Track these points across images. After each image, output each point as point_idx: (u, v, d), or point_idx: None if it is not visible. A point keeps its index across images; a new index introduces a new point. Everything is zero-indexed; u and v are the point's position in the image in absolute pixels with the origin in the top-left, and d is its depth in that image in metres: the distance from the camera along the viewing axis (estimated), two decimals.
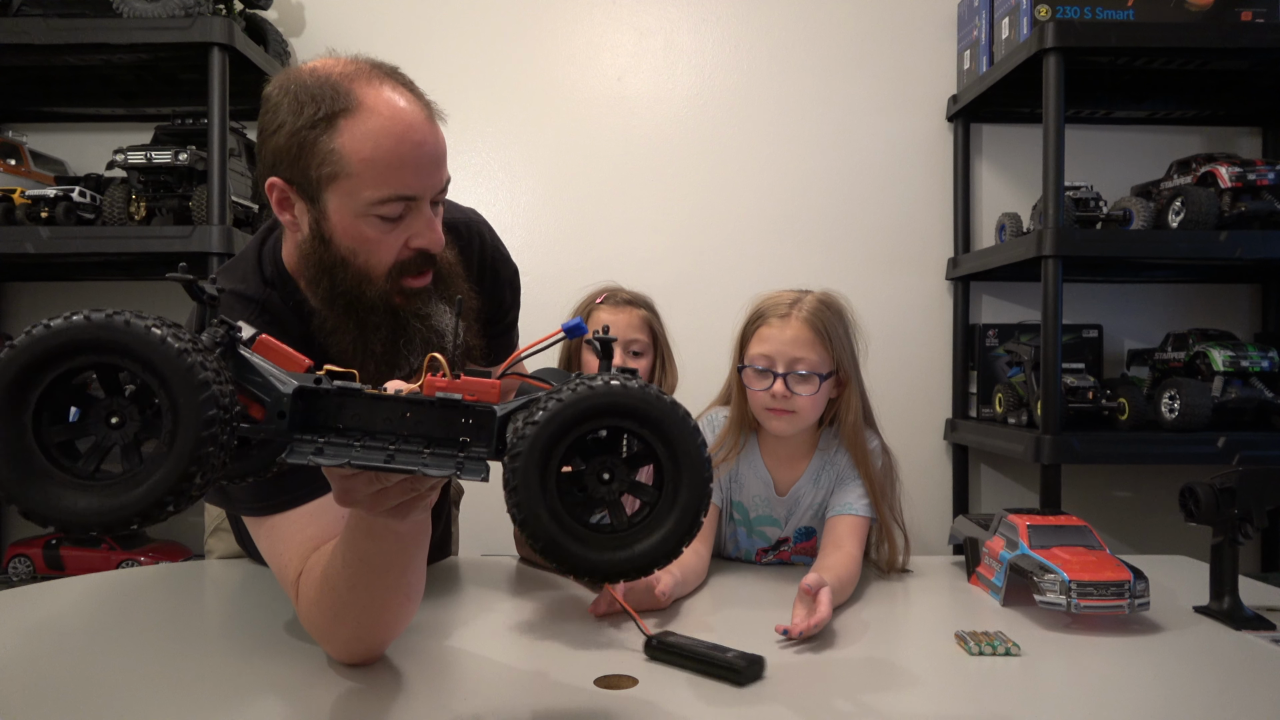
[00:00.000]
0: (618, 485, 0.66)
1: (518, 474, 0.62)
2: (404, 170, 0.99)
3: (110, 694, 0.93)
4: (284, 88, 1.00)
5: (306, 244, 1.03)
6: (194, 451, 0.58)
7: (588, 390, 0.63)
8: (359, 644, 0.96)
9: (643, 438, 0.65)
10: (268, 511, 1.01)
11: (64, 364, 0.58)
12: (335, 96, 0.97)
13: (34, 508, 0.57)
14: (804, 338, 1.41)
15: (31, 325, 0.58)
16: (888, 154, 2.45)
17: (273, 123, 1.00)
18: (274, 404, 0.64)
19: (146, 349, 0.58)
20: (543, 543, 0.63)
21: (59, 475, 0.58)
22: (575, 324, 0.72)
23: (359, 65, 1.01)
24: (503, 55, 2.42)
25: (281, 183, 1.01)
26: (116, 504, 0.58)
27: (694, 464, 0.64)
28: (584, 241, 2.41)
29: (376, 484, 0.74)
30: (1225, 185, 1.96)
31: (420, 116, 1.01)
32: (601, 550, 0.64)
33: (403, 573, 0.91)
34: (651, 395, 0.63)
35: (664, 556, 0.65)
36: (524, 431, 0.63)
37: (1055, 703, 0.92)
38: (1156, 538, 2.39)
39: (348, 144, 0.97)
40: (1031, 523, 1.25)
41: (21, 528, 2.39)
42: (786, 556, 1.52)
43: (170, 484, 0.58)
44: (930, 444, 2.46)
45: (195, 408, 0.58)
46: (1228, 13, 2.01)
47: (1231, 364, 2.02)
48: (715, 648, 1.00)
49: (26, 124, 2.40)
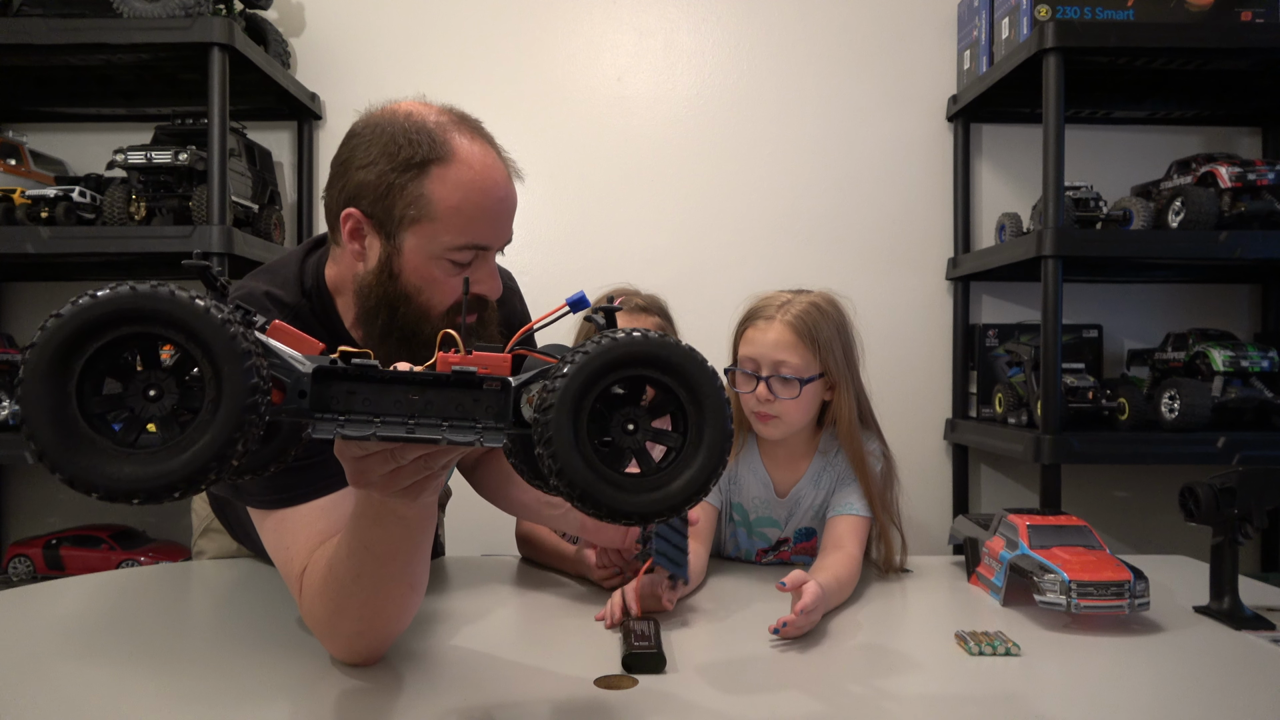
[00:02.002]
0: (641, 434, 0.68)
1: (550, 425, 0.64)
2: (484, 222, 1.05)
3: (110, 694, 0.93)
4: (379, 127, 1.05)
5: (371, 276, 1.06)
6: (238, 419, 0.59)
7: (612, 342, 0.66)
8: (361, 640, 0.96)
9: (665, 384, 0.68)
10: (277, 505, 1.02)
11: (109, 333, 0.58)
12: (432, 144, 1.02)
13: (77, 475, 0.57)
14: (786, 341, 1.39)
15: (77, 296, 0.58)
16: (888, 154, 2.45)
17: (364, 158, 1.04)
18: (294, 384, 0.65)
19: (192, 319, 0.59)
20: (580, 489, 0.65)
21: (101, 443, 0.58)
22: (579, 297, 0.75)
23: (451, 115, 1.07)
24: (503, 55, 2.42)
25: (359, 214, 1.04)
26: (160, 470, 0.58)
27: (716, 404, 0.68)
28: (584, 241, 2.41)
29: (391, 463, 0.74)
30: (1225, 185, 1.96)
31: (504, 173, 1.08)
32: (636, 493, 0.66)
33: (408, 561, 0.91)
34: (671, 342, 0.67)
35: (695, 494, 0.68)
36: (553, 385, 0.65)
37: (1055, 703, 0.92)
38: (1156, 538, 2.39)
39: (438, 191, 1.02)
40: (1031, 523, 1.25)
41: (21, 528, 2.39)
42: (786, 557, 1.52)
43: (214, 451, 0.59)
44: (930, 444, 2.46)
45: (239, 376, 0.59)
46: (1228, 13, 2.01)
47: (1231, 364, 2.02)
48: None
49: (26, 124, 2.40)
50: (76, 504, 2.40)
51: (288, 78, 2.23)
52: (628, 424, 0.68)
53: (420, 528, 0.90)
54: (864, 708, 0.91)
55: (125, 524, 2.26)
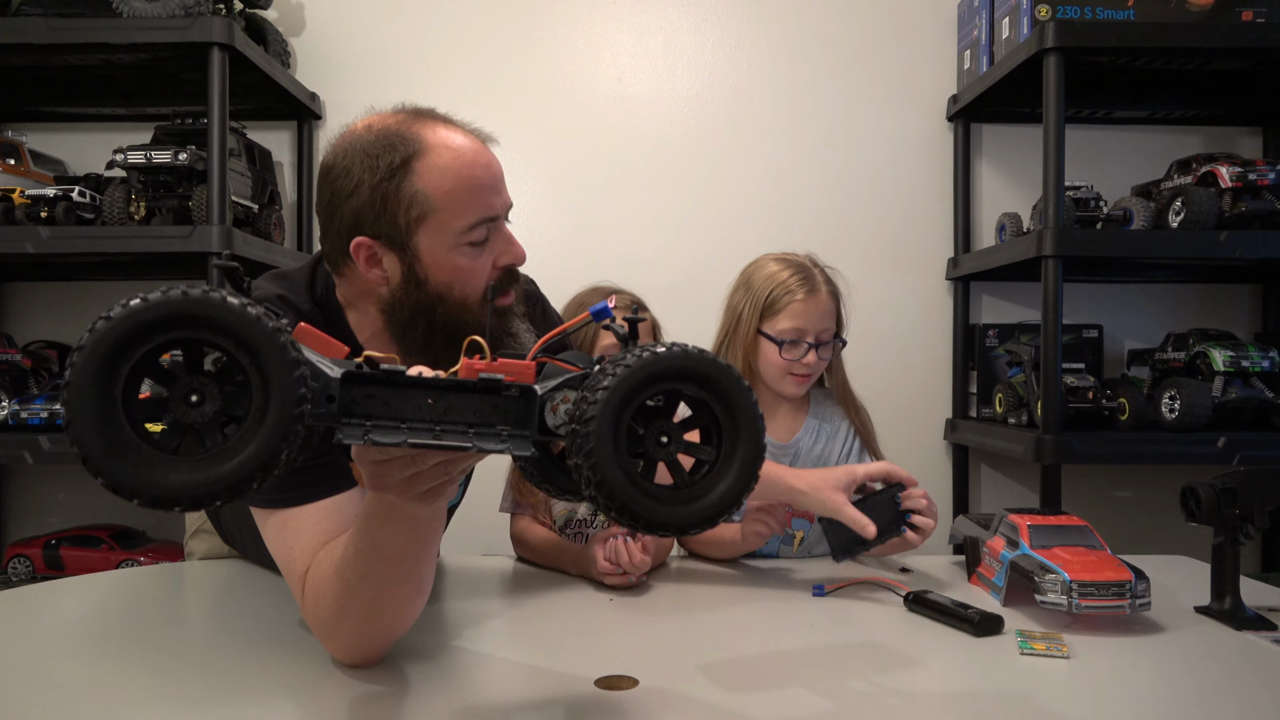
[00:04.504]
0: (674, 446, 0.70)
1: (592, 437, 0.65)
2: (483, 193, 1.06)
3: (110, 694, 0.93)
4: (347, 151, 1.05)
5: (398, 292, 1.06)
6: (286, 428, 0.59)
7: (653, 356, 0.67)
8: (362, 640, 0.96)
9: (702, 399, 0.69)
10: (281, 505, 1.01)
11: (157, 338, 0.58)
12: (403, 143, 1.02)
13: (123, 481, 0.57)
14: (831, 310, 1.57)
15: (126, 299, 0.58)
16: (888, 154, 2.45)
17: (348, 185, 1.03)
18: (323, 389, 0.64)
19: (243, 326, 0.58)
20: (619, 501, 0.66)
21: (145, 450, 0.58)
22: (601, 308, 0.76)
23: (405, 113, 1.07)
24: (503, 55, 2.42)
25: (368, 240, 1.04)
26: (205, 479, 0.58)
27: (750, 420, 0.69)
28: (584, 241, 2.41)
29: (411, 468, 0.74)
30: (1225, 185, 1.96)
31: (477, 143, 1.08)
32: (672, 505, 0.67)
33: (415, 563, 0.91)
34: (709, 358, 0.68)
35: (728, 507, 0.69)
36: (595, 398, 0.66)
37: (1055, 702, 0.92)
38: (1156, 538, 2.39)
39: (428, 183, 1.02)
40: (1032, 522, 1.25)
41: (21, 528, 2.39)
42: (788, 519, 1.58)
43: (261, 460, 0.59)
44: (930, 444, 2.46)
45: (289, 385, 0.59)
46: (1228, 13, 2.00)
47: (1232, 364, 2.02)
48: (960, 605, 1.16)
49: (26, 124, 2.40)
50: (76, 504, 2.40)
51: (288, 78, 2.23)
52: (661, 436, 0.69)
53: (430, 530, 0.89)
54: (866, 705, 0.90)
55: (125, 524, 2.25)
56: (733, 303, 1.66)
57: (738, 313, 1.61)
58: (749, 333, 1.58)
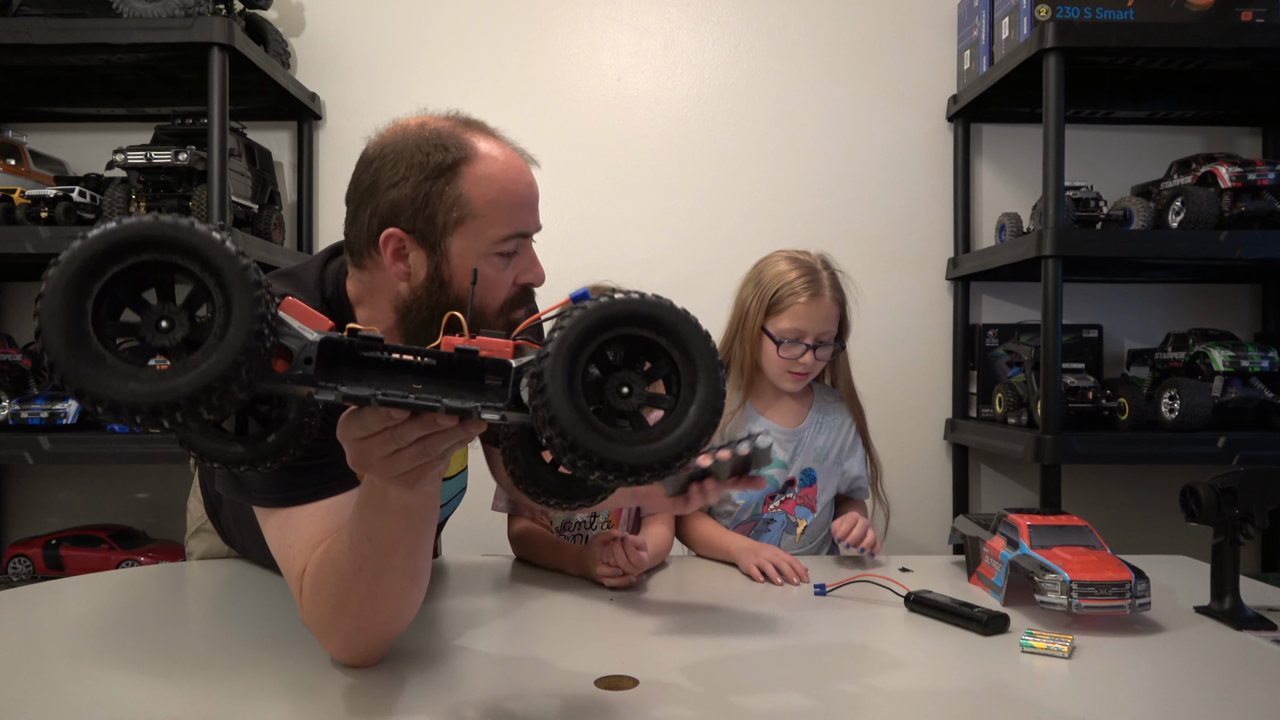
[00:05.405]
0: (636, 398, 0.70)
1: (545, 374, 0.65)
2: (522, 209, 1.09)
3: (110, 694, 0.93)
4: (396, 145, 1.05)
5: (420, 290, 1.07)
6: (244, 344, 0.61)
7: (610, 301, 0.68)
8: (361, 637, 0.96)
9: (660, 345, 0.69)
10: (281, 504, 1.02)
11: (129, 258, 0.61)
12: (456, 146, 1.05)
13: (84, 387, 0.59)
14: (834, 314, 1.63)
15: (104, 222, 0.62)
16: (888, 154, 2.45)
17: (393, 176, 1.04)
18: (301, 351, 0.67)
19: (209, 248, 0.62)
20: (572, 439, 0.65)
21: (111, 361, 0.60)
22: (582, 293, 0.77)
23: (458, 120, 1.10)
24: (503, 55, 2.42)
25: (400, 233, 1.05)
26: (163, 388, 0.60)
27: (708, 365, 0.69)
28: (584, 241, 2.40)
29: (391, 444, 0.75)
30: (1225, 185, 1.96)
31: (523, 161, 1.11)
32: (629, 444, 0.67)
33: (409, 554, 0.91)
34: (666, 303, 0.69)
35: (688, 449, 0.68)
36: (551, 339, 0.66)
37: (1055, 701, 0.92)
38: (1156, 538, 2.39)
39: (474, 189, 1.04)
40: (1032, 522, 1.25)
41: (21, 528, 2.39)
42: (791, 508, 1.63)
43: (218, 372, 0.60)
44: (930, 444, 2.46)
45: (248, 304, 0.61)
46: (1228, 13, 2.01)
47: (1231, 364, 2.02)
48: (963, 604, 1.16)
49: (26, 124, 2.40)
50: (76, 504, 2.40)
51: (288, 78, 2.23)
52: (622, 388, 0.69)
53: (422, 518, 0.90)
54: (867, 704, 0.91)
55: (125, 524, 2.26)
56: (742, 295, 1.72)
57: (745, 306, 1.67)
58: (754, 328, 1.65)
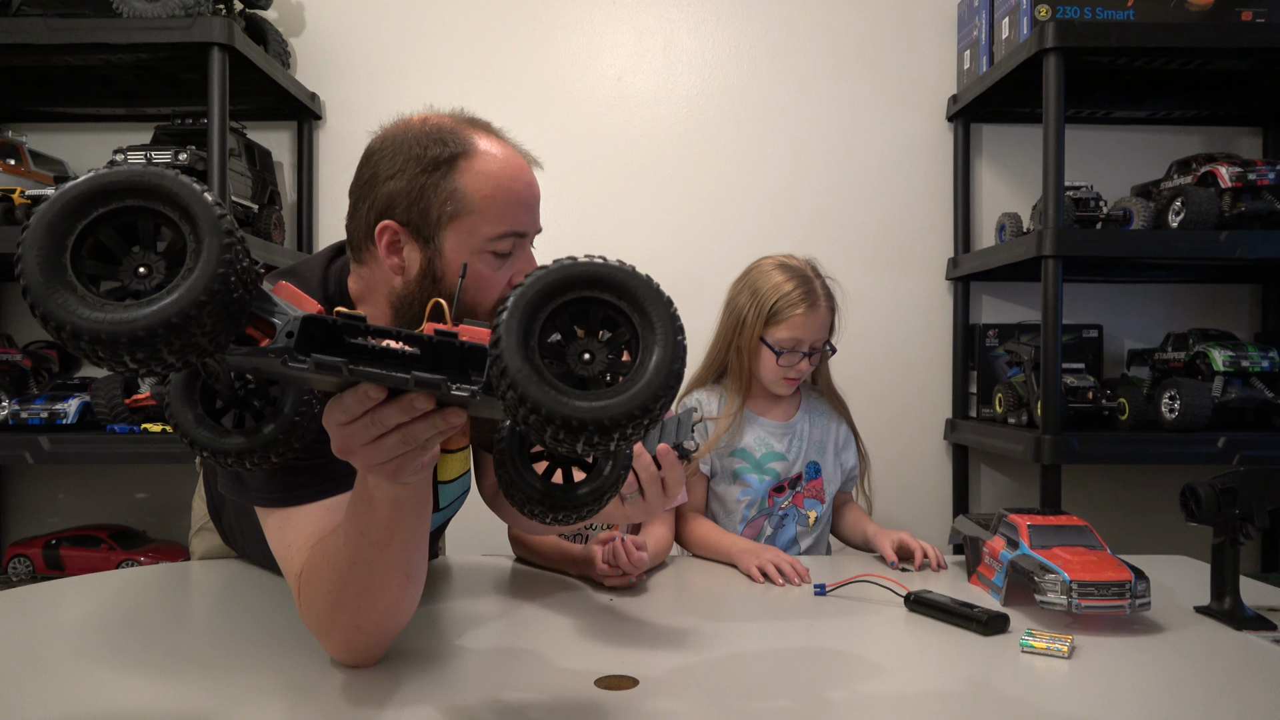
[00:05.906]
0: (598, 365, 0.70)
1: (500, 328, 0.66)
2: (518, 207, 1.08)
3: (110, 694, 0.93)
4: (398, 138, 1.06)
5: (413, 284, 1.07)
6: (207, 285, 0.62)
7: (569, 262, 0.69)
8: (358, 635, 0.96)
9: (618, 307, 0.69)
10: (281, 503, 1.02)
11: (114, 202, 0.64)
12: (454, 141, 1.05)
13: (49, 310, 0.61)
14: (827, 321, 1.69)
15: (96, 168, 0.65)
16: (888, 154, 2.45)
17: (391, 168, 1.05)
18: (284, 326, 0.69)
19: (187, 196, 0.65)
20: (521, 390, 0.65)
21: (82, 292, 0.63)
22: None
23: (462, 118, 1.10)
24: (503, 55, 2.43)
25: (396, 225, 1.05)
26: (123, 319, 0.62)
27: (666, 326, 0.69)
28: (584, 241, 2.40)
29: (373, 429, 0.75)
30: (1225, 185, 1.96)
31: (524, 161, 1.11)
32: (587, 399, 0.67)
33: (403, 549, 0.91)
34: (626, 267, 0.69)
35: (640, 409, 0.67)
36: (506, 297, 0.67)
37: (1055, 702, 0.92)
38: (1156, 538, 2.39)
39: (470, 184, 1.04)
40: (1032, 522, 1.25)
41: (21, 528, 2.39)
42: (801, 501, 1.68)
43: (178, 309, 0.62)
44: (930, 444, 2.46)
45: (216, 248, 0.63)
46: (1228, 13, 2.01)
47: (1231, 364, 2.02)
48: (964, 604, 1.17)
49: (26, 124, 2.40)
50: (76, 504, 2.40)
51: (288, 78, 2.23)
52: (584, 354, 0.70)
53: (413, 512, 0.90)
54: (867, 704, 0.91)
55: (125, 524, 2.25)
56: (737, 304, 1.73)
57: (741, 315, 1.69)
58: (752, 339, 1.67)
